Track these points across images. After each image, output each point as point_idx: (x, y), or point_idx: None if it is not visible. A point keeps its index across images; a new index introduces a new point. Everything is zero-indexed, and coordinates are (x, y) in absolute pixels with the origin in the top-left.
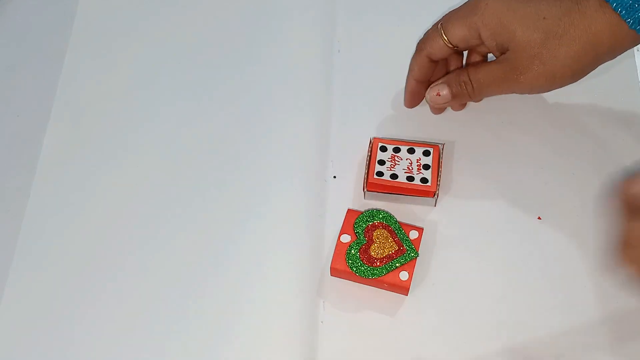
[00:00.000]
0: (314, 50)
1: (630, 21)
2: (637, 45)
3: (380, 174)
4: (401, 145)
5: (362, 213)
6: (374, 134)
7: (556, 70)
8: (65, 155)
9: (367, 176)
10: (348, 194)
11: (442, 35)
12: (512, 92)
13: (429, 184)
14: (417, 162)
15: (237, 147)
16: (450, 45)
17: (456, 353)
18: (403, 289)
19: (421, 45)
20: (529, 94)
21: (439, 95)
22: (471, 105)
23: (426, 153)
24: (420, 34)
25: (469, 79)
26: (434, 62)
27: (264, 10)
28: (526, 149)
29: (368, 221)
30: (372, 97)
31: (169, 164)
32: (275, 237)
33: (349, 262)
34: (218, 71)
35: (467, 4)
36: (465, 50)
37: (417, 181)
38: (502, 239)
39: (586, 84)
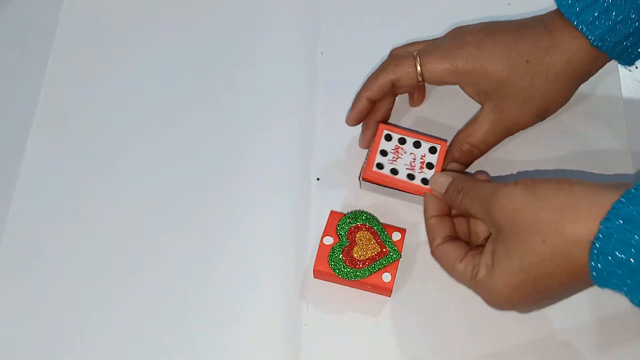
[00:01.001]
0: (297, 52)
1: (591, 38)
2: None
3: (380, 166)
4: (408, 136)
5: (344, 215)
6: (356, 136)
7: (547, 106)
8: (48, 160)
9: (366, 165)
10: (331, 196)
11: (416, 66)
12: (508, 135)
13: (428, 186)
14: (422, 158)
15: (220, 149)
16: (421, 79)
17: (439, 354)
18: (386, 290)
19: (389, 67)
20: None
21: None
22: (456, 109)
23: (432, 150)
24: (402, 37)
25: (472, 145)
26: (395, 87)
27: (248, 13)
28: (510, 151)
29: (351, 223)
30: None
31: (152, 167)
32: (258, 239)
33: (331, 264)
34: (201, 74)
35: (450, 42)
36: (430, 84)
37: (417, 180)
38: None
39: None
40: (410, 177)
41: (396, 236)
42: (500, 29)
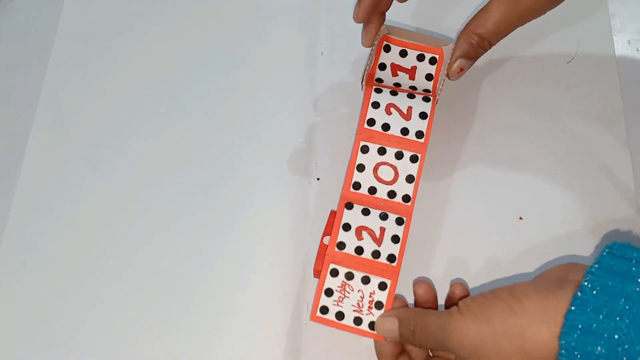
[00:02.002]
0: (297, 52)
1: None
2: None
3: (324, 310)
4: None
5: None
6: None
7: None
8: (48, 160)
9: (312, 307)
10: (331, 196)
11: None
12: (521, 25)
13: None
14: (370, 296)
15: (221, 149)
16: None
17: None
18: None
19: None
20: None
21: None
22: (453, 105)
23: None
24: None
25: (481, 36)
26: None
27: (247, 13)
28: (507, 149)
29: None
30: (355, 99)
31: (152, 167)
32: (258, 239)
33: None
34: (201, 74)
35: None
36: None
37: (364, 325)
38: (482, 239)
39: (568, 85)
40: (357, 321)
41: None
42: None
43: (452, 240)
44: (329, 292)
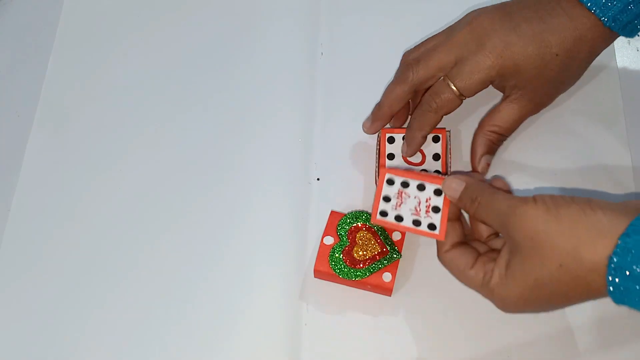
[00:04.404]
0: (297, 53)
1: (604, 19)
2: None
3: (384, 213)
4: (411, 178)
5: (345, 215)
6: (356, 136)
7: (568, 84)
8: (48, 160)
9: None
10: (331, 196)
11: (452, 88)
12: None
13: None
14: (427, 202)
15: (221, 149)
16: (463, 97)
17: (439, 353)
18: (386, 290)
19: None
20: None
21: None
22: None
23: (438, 192)
24: (402, 37)
25: (499, 133)
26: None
27: (247, 13)
28: (508, 149)
29: (351, 223)
30: (355, 99)
31: (151, 167)
32: (258, 239)
33: (332, 264)
34: (201, 74)
35: (472, 42)
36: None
37: (423, 227)
38: None
39: None
40: (416, 223)
41: (396, 236)
42: (519, 16)
43: None
44: (387, 199)
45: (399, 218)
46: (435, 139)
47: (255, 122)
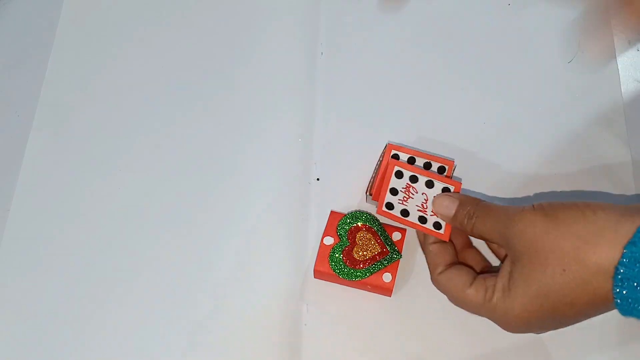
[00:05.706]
0: (297, 53)
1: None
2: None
3: (390, 206)
4: (420, 174)
5: (345, 215)
6: (356, 136)
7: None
8: (48, 160)
9: (378, 204)
10: (331, 196)
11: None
12: None
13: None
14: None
15: (221, 149)
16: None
17: (439, 353)
18: (386, 290)
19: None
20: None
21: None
22: (454, 105)
23: (446, 190)
24: (402, 37)
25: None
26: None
27: (248, 13)
28: (508, 149)
29: (351, 223)
30: (355, 99)
31: (151, 167)
32: (258, 239)
33: (332, 265)
34: (201, 74)
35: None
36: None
37: (429, 224)
38: None
39: (569, 84)
40: (422, 220)
41: (396, 236)
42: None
43: None
44: (393, 192)
45: (405, 212)
46: (441, 170)
47: (255, 121)
